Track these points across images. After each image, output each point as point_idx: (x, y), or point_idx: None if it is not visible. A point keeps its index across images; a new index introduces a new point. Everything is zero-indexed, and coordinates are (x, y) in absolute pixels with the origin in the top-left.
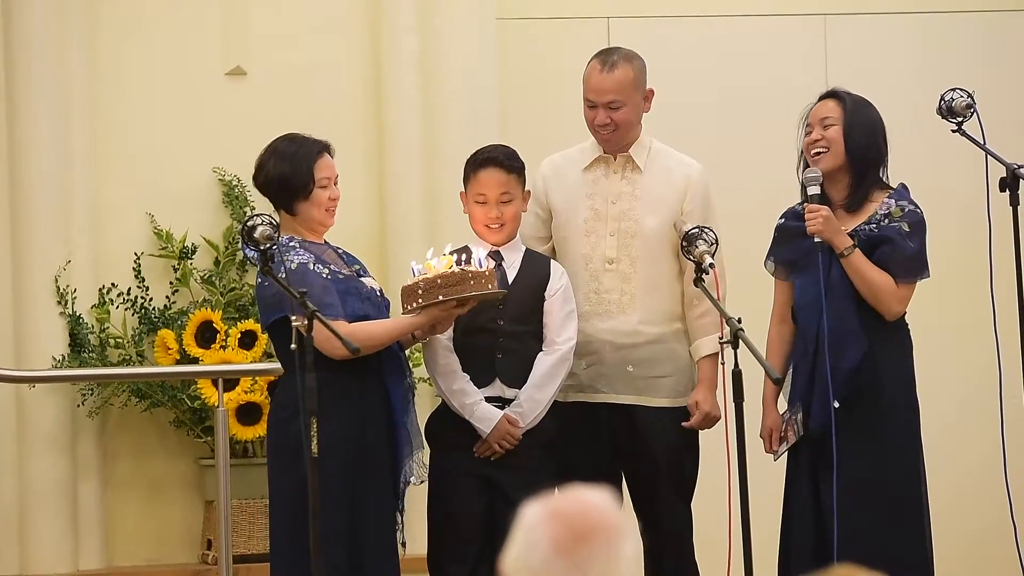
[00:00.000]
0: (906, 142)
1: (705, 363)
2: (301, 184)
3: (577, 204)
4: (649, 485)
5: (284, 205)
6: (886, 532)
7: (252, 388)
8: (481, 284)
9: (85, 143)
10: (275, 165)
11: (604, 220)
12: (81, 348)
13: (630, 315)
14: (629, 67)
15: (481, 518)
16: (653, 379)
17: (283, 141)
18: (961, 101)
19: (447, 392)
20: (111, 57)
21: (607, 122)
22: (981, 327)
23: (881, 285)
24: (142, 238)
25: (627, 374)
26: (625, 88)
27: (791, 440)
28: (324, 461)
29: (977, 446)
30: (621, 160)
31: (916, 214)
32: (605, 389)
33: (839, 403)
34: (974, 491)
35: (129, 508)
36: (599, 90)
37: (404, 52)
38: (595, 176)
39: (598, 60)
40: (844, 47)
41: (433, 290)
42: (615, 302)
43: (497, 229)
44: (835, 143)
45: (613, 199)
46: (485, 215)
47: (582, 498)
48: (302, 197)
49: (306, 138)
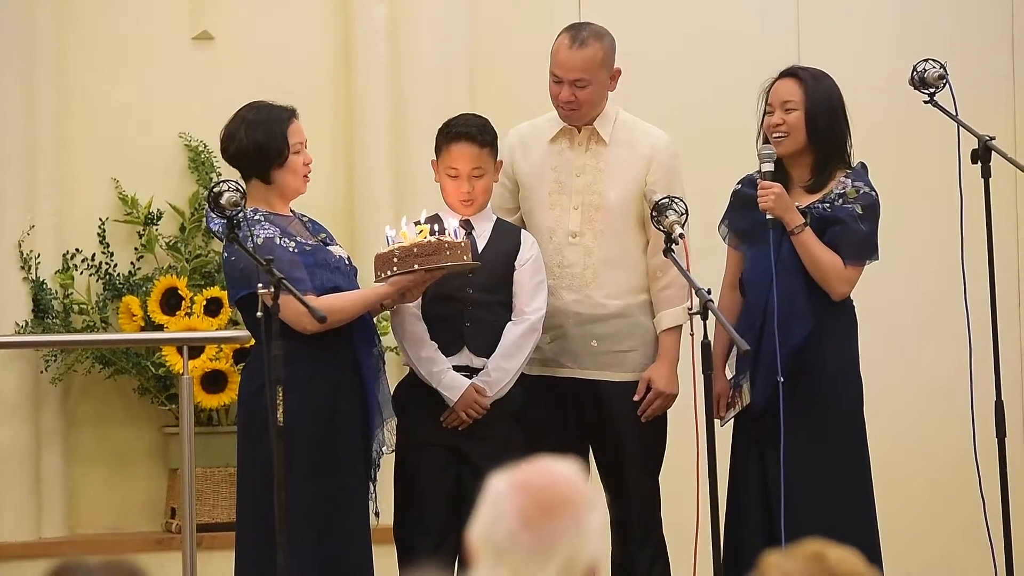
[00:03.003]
0: (878, 113)
1: (666, 336)
2: (276, 151)
3: (542, 176)
4: (616, 459)
5: (259, 174)
6: (831, 507)
7: (217, 356)
8: (456, 255)
9: (49, 107)
10: (247, 134)
11: (568, 193)
12: (44, 314)
13: (593, 289)
14: (599, 45)
15: (448, 489)
16: (618, 353)
17: (250, 110)
18: (933, 72)
19: (414, 359)
20: (76, 20)
21: (571, 99)
22: (953, 302)
23: (829, 265)
24: (107, 203)
25: (591, 348)
26: (593, 67)
27: (737, 407)
28: (294, 433)
29: (952, 425)
30: (586, 132)
31: (870, 196)
32: (569, 364)
33: (783, 379)
34: (950, 482)
35: (92, 476)
36: (566, 67)
37: (374, 17)
38: (560, 148)
39: (567, 35)
40: (816, 15)
41: (408, 259)
42: (578, 275)
43: (468, 204)
44: (796, 129)
45: (577, 172)
46: (457, 189)
47: (549, 470)
48: (278, 164)
49: (273, 105)
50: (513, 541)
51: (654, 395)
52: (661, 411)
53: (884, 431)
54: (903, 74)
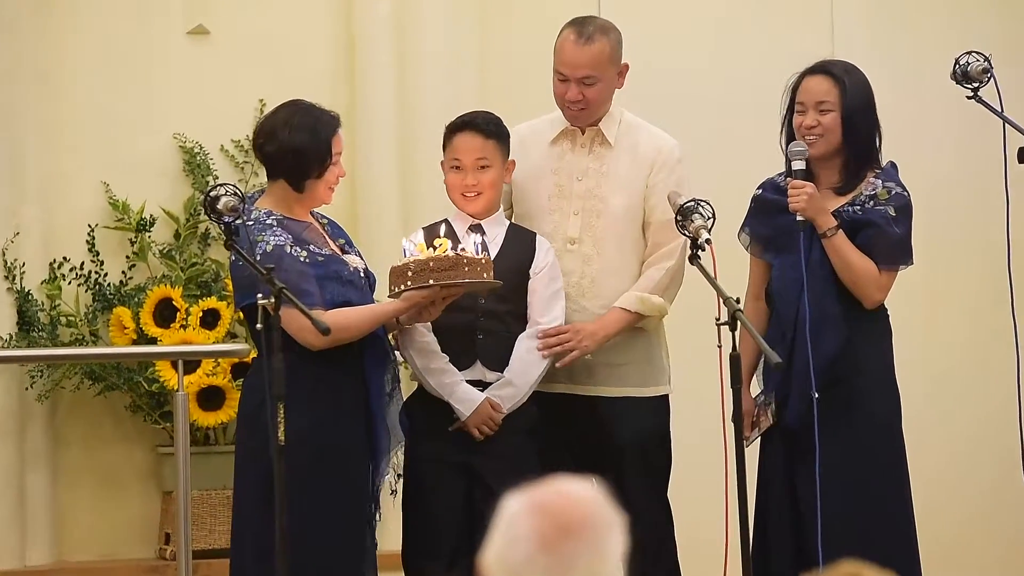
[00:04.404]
0: (915, 109)
1: (612, 311)
2: (319, 160)
3: (541, 179)
4: (617, 477)
5: (292, 179)
6: (868, 525)
7: (214, 371)
8: (476, 272)
9: (34, 105)
10: (291, 135)
11: (568, 198)
12: (30, 326)
13: (589, 299)
14: (606, 40)
15: (459, 509)
16: (615, 367)
17: (296, 111)
18: (977, 65)
19: (424, 371)
20: (61, 11)
21: (579, 98)
22: (998, 312)
23: (862, 270)
24: (96, 209)
25: (586, 362)
26: (601, 63)
27: (763, 427)
28: (293, 455)
29: (998, 441)
30: (590, 134)
31: (903, 197)
32: (563, 379)
33: (817, 393)
34: (997, 500)
35: (81, 499)
36: (573, 64)
37: (378, 9)
38: (561, 150)
39: (573, 30)
40: (851, 5)
41: (424, 273)
42: (574, 285)
43: (473, 198)
44: (831, 131)
45: (579, 175)
46: (460, 182)
47: (567, 490)
48: (316, 175)
49: (321, 109)
50: (530, 565)
51: (570, 330)
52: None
53: (925, 446)
54: (944, 67)
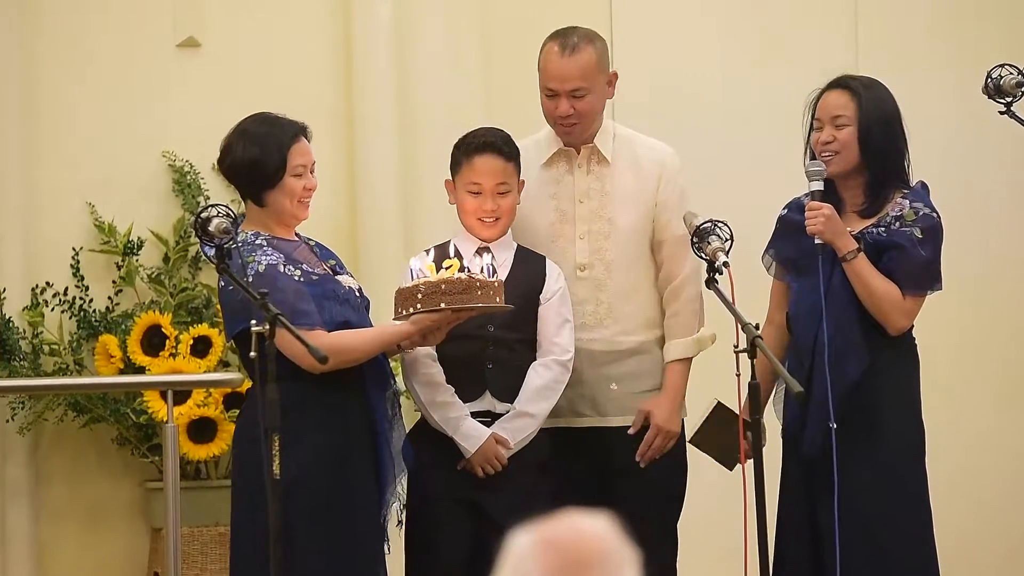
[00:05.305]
0: (944, 125)
1: (672, 369)
2: (272, 171)
3: (538, 206)
4: (630, 509)
5: (252, 195)
6: (890, 563)
7: (206, 401)
8: (488, 296)
9: (15, 122)
10: (244, 148)
11: (572, 222)
12: (11, 355)
13: (608, 327)
14: (592, 48)
15: (465, 547)
16: (640, 395)
17: (254, 121)
18: (1011, 79)
19: (428, 404)
20: (45, 23)
21: (570, 113)
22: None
23: (885, 296)
24: (81, 231)
25: (611, 393)
26: (589, 72)
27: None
28: (297, 487)
29: None
30: (585, 152)
31: (931, 219)
32: (589, 412)
33: (836, 423)
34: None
35: (65, 537)
36: (561, 77)
37: (377, 20)
38: (557, 172)
39: (555, 43)
40: (876, 16)
41: (435, 296)
42: (590, 313)
43: (492, 223)
44: (848, 147)
45: (580, 198)
46: (479, 207)
47: (578, 525)
48: (271, 186)
49: (280, 119)
50: None
51: (653, 432)
52: (659, 452)
53: (948, 479)
54: (975, 81)
